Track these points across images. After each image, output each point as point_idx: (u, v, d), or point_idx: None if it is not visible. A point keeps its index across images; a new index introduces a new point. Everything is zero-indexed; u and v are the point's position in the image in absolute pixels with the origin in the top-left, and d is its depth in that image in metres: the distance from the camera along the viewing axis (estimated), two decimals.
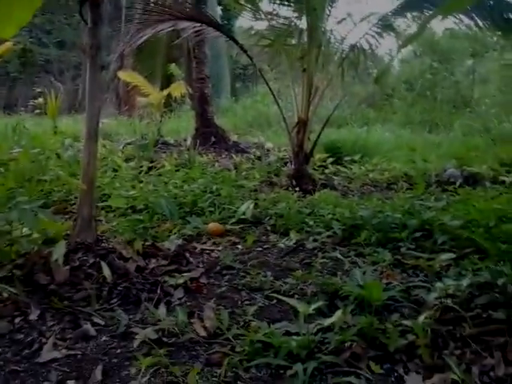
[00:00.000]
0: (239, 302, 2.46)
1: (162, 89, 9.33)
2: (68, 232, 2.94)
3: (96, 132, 2.70)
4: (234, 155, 7.27)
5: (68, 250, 2.59)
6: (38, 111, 10.39)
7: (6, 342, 2.00)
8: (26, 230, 2.59)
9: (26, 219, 2.30)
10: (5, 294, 2.25)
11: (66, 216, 3.78)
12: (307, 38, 5.23)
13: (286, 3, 5.44)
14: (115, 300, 2.36)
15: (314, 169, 6.36)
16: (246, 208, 4.04)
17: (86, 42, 2.64)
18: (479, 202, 3.99)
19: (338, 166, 6.68)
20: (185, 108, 11.56)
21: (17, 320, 2.13)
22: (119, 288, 2.42)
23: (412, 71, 12.69)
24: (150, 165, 5.78)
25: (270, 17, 5.47)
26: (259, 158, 6.96)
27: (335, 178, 6.16)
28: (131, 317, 2.24)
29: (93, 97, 2.67)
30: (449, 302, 2.40)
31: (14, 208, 2.39)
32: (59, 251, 2.43)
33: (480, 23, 4.89)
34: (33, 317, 2.17)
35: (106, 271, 2.43)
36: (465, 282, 2.48)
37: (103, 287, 2.41)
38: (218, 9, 16.23)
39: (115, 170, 5.37)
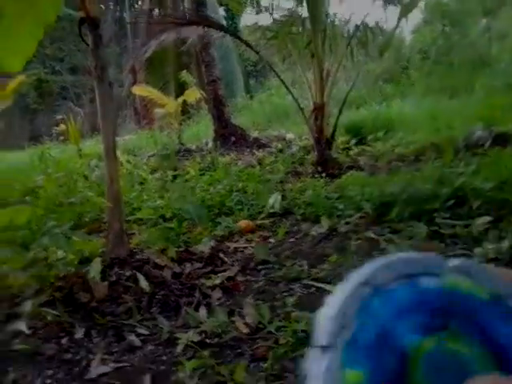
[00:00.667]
0: (278, 295, 2.45)
1: (177, 97, 9.42)
2: (103, 249, 2.99)
3: (114, 149, 2.73)
4: (255, 151, 7.26)
5: (104, 266, 2.63)
6: (61, 138, 10.64)
7: (56, 362, 2.04)
8: (60, 253, 2.64)
9: (58, 243, 2.35)
10: (49, 318, 2.30)
11: (101, 234, 3.84)
12: (310, 24, 5.17)
13: None
14: (155, 308, 2.39)
15: (338, 152, 6.29)
16: (274, 201, 4.03)
17: (91, 63, 2.67)
18: (510, 160, 3.87)
19: (362, 146, 6.59)
20: (202, 113, 11.61)
21: (63, 340, 2.18)
22: (158, 296, 2.45)
23: (424, 40, 12.39)
24: (175, 173, 5.83)
25: (270, 10, 5.43)
26: (281, 151, 6.93)
27: (360, 158, 6.07)
28: (173, 323, 2.27)
29: (105, 115, 2.70)
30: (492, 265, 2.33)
31: (45, 234, 2.44)
32: (95, 268, 2.48)
33: None
34: (78, 335, 2.21)
35: (143, 282, 2.46)
36: (505, 244, 2.41)
37: (142, 298, 2.44)
38: (221, 10, 16.25)
39: (142, 183, 5.44)
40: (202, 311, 2.31)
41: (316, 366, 0.24)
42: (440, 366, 0.23)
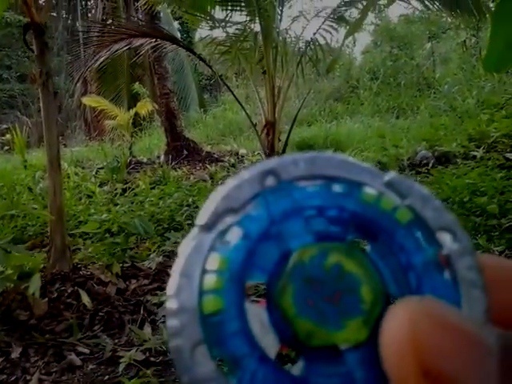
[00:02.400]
0: None
1: (129, 109, 9.29)
2: (45, 264, 2.88)
3: (58, 160, 2.66)
4: (208, 166, 7.24)
5: (45, 282, 2.54)
6: (6, 148, 10.24)
7: None
8: None
9: None
10: None
11: (44, 249, 3.71)
12: (263, 40, 5.25)
13: (238, 8, 5.46)
14: (98, 326, 2.32)
15: None
16: None
17: (35, 70, 2.60)
18: (452, 179, 4.04)
19: None
20: (155, 125, 11.49)
21: None
22: (101, 313, 2.38)
23: (374, 60, 12.82)
24: (124, 186, 5.72)
25: (223, 24, 5.48)
26: (234, 166, 6.96)
27: None
28: (116, 341, 2.21)
29: (49, 125, 2.63)
30: None
31: None
32: (35, 284, 2.38)
33: (430, 5, 4.96)
34: (15, 355, 2.12)
35: (86, 298, 2.39)
36: None
37: (84, 315, 2.37)
38: (175, 23, 16.23)
39: (90, 197, 5.31)
40: (147, 329, 2.27)
41: (188, 244, 0.21)
42: (313, 281, 0.21)
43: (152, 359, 2.01)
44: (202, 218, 0.22)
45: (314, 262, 0.21)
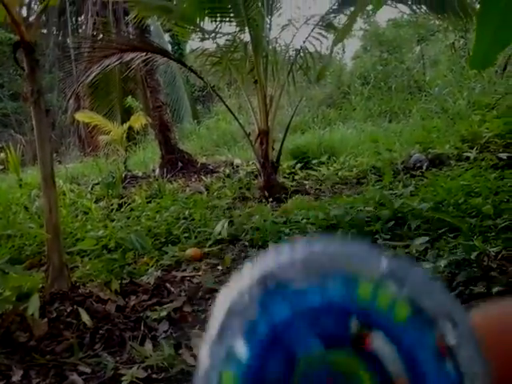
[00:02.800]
0: None
1: (122, 123, 9.30)
2: (43, 284, 2.87)
3: (52, 177, 2.66)
4: (203, 177, 7.25)
5: (44, 301, 2.52)
6: (1, 167, 10.21)
7: None
8: None
9: None
10: None
11: (42, 268, 3.70)
12: (253, 50, 5.28)
13: (227, 19, 5.49)
14: (99, 345, 2.31)
15: (285, 177, 6.39)
16: (221, 227, 4.03)
17: (27, 88, 2.60)
18: (446, 181, 4.06)
19: (307, 170, 6.72)
20: (149, 138, 11.51)
21: None
22: (101, 331, 2.37)
23: (364, 66, 12.91)
24: (120, 201, 5.71)
25: (213, 35, 5.51)
26: (229, 176, 6.96)
27: (306, 182, 6.19)
28: (118, 359, 2.20)
29: (42, 142, 2.63)
30: None
31: None
32: (34, 305, 2.37)
33: (417, 9, 5.01)
34: (16, 378, 2.10)
35: (85, 317, 2.38)
36: (442, 263, 2.50)
37: (85, 334, 2.36)
38: (166, 35, 16.29)
39: (86, 213, 5.29)
40: (148, 345, 2.26)
41: (204, 355, 0.23)
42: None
43: (154, 376, 2.00)
44: (211, 328, 0.23)
45: (322, 369, 0.22)
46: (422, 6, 4.98)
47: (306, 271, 0.23)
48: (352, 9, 5.42)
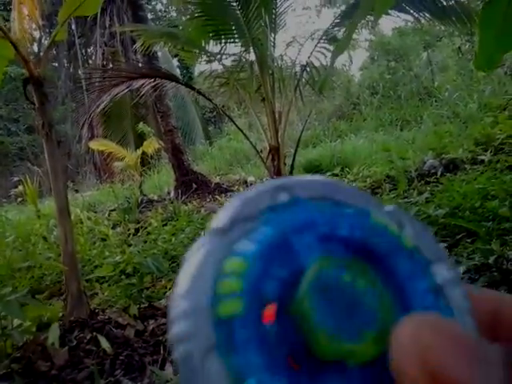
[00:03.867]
0: None
1: (136, 149, 9.43)
2: (63, 313, 2.90)
3: (67, 208, 2.70)
4: (218, 197, 7.28)
5: (63, 330, 2.54)
6: (20, 199, 10.39)
7: None
8: (17, 321, 2.54)
9: (11, 310, 2.26)
10: None
11: (62, 297, 3.73)
12: (259, 69, 5.33)
13: (232, 40, 5.57)
14: (119, 371, 2.31)
15: None
16: None
17: (38, 121, 2.66)
18: (461, 186, 4.01)
19: None
20: (163, 162, 11.63)
21: None
22: (121, 357, 2.37)
23: (372, 76, 12.93)
24: (137, 226, 5.76)
25: (219, 56, 5.59)
26: None
27: None
28: None
29: (55, 173, 2.68)
30: None
31: None
32: (54, 334, 2.39)
33: (419, 17, 5.02)
34: None
35: (105, 343, 2.39)
36: (461, 269, 2.46)
37: (105, 360, 2.36)
38: (174, 60, 16.55)
39: (103, 240, 5.34)
40: (168, 368, 2.26)
41: (199, 247, 0.21)
42: (331, 293, 0.21)
43: None
44: (217, 222, 0.22)
45: (333, 275, 0.21)
46: (425, 14, 4.99)
47: (323, 192, 0.23)
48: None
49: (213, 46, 5.83)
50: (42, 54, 4.23)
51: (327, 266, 0.21)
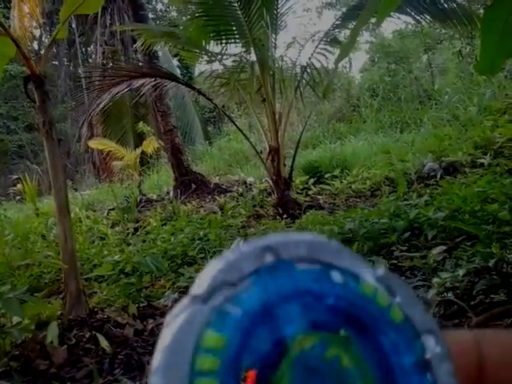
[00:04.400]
0: None
1: (135, 148, 9.42)
2: (62, 311, 2.89)
3: (67, 206, 2.69)
4: (217, 197, 7.27)
5: (62, 328, 2.54)
6: (19, 197, 10.38)
7: None
8: (16, 319, 2.54)
9: (11, 308, 2.26)
10: None
11: (60, 295, 3.72)
12: (259, 69, 5.34)
13: (232, 40, 5.57)
14: (118, 370, 2.30)
15: (298, 192, 6.38)
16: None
17: (38, 120, 2.66)
18: (461, 189, 4.02)
19: (321, 185, 6.71)
20: (162, 161, 11.62)
21: None
22: (120, 356, 2.37)
23: (372, 78, 12.94)
24: (136, 225, 5.76)
25: (219, 57, 5.59)
26: (242, 195, 6.97)
27: (319, 197, 6.18)
28: (137, 383, 2.19)
29: (56, 171, 2.67)
30: (450, 295, 2.38)
31: None
32: (52, 333, 2.39)
33: (420, 19, 5.03)
34: None
35: (104, 342, 2.38)
36: (461, 272, 2.47)
37: (104, 359, 2.36)
38: (174, 60, 16.54)
39: (102, 239, 5.34)
40: None
41: (178, 315, 0.20)
42: (313, 371, 0.20)
43: None
44: (197, 288, 0.21)
45: (315, 352, 0.21)
46: (426, 16, 5.00)
47: (310, 253, 0.22)
48: (355, 23, 5.47)
49: (213, 46, 5.84)
50: (42, 51, 4.23)
51: (310, 342, 0.21)
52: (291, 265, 0.21)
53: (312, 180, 6.81)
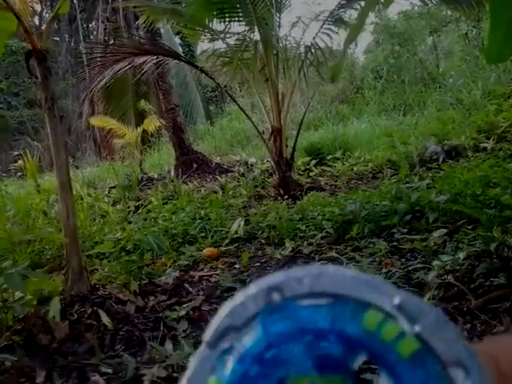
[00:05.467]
0: None
1: (137, 126, 9.38)
2: (64, 287, 2.91)
3: (69, 182, 2.69)
4: (218, 177, 7.27)
5: (64, 304, 2.56)
6: (20, 174, 10.37)
7: None
8: (18, 294, 2.56)
9: (13, 283, 2.28)
10: (7, 363, 2.21)
11: (62, 271, 3.75)
12: (263, 49, 5.28)
13: (236, 19, 5.50)
14: (119, 345, 2.33)
15: (299, 174, 6.37)
16: (238, 226, 4.03)
17: (40, 96, 2.64)
18: (463, 173, 4.01)
19: (322, 167, 6.70)
20: (163, 140, 11.59)
21: None
22: (121, 332, 2.39)
23: (376, 59, 12.82)
24: (137, 203, 5.76)
25: (223, 35, 5.52)
26: (243, 175, 6.97)
27: (321, 178, 6.17)
28: (138, 359, 2.21)
29: (58, 148, 2.66)
30: (449, 277, 2.39)
31: (0, 274, 2.36)
32: (54, 308, 2.40)
33: (427, 0, 4.96)
34: (39, 379, 2.13)
35: (105, 318, 2.41)
36: (461, 255, 2.47)
37: (105, 335, 2.38)
38: (177, 38, 16.36)
39: (103, 216, 5.35)
40: (168, 345, 2.27)
41: (194, 361, 0.22)
42: None
43: (175, 375, 2.00)
44: (208, 334, 0.22)
45: None
46: None
47: (313, 288, 0.22)
48: (361, 3, 5.39)
49: (217, 25, 5.76)
50: (44, 26, 4.17)
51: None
52: (295, 303, 0.21)
53: (314, 161, 6.79)
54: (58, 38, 19.38)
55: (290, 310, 0.21)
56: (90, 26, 18.10)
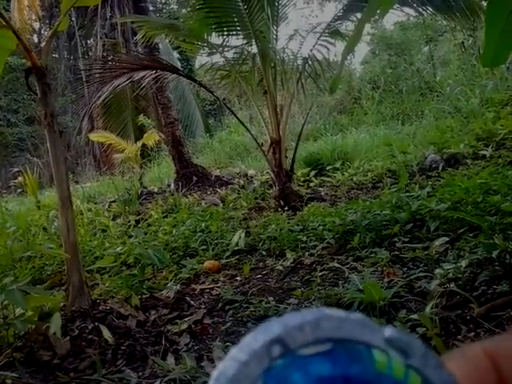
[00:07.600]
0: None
1: (136, 141, 9.41)
2: (64, 303, 2.90)
3: (69, 198, 2.69)
4: (218, 189, 7.27)
5: (65, 320, 2.54)
6: (20, 190, 10.38)
7: None
8: (19, 310, 2.54)
9: (14, 299, 2.26)
10: (8, 381, 2.19)
11: (63, 287, 3.73)
12: (261, 61, 5.31)
13: (234, 32, 5.54)
14: (121, 360, 2.31)
15: (299, 185, 6.37)
16: (238, 238, 4.02)
17: (40, 112, 2.65)
18: (463, 180, 4.01)
19: (322, 177, 6.70)
20: (163, 154, 11.62)
21: None
22: (123, 347, 2.37)
23: (373, 70, 12.89)
24: (137, 217, 5.76)
25: (220, 49, 5.56)
26: (243, 187, 6.97)
27: (321, 189, 6.17)
28: (140, 374, 2.20)
29: (57, 164, 2.67)
30: (452, 286, 2.38)
31: (1, 291, 2.35)
32: (56, 324, 2.39)
33: (422, 11, 5.00)
34: None
35: (107, 333, 2.39)
36: (463, 263, 2.47)
37: (107, 350, 2.36)
38: (175, 52, 16.48)
39: (104, 231, 5.34)
40: (170, 359, 2.26)
41: None
42: None
43: None
44: None
45: None
46: (428, 8, 4.97)
47: (314, 335, 0.21)
48: (357, 15, 5.44)
49: (215, 38, 5.80)
50: (43, 44, 4.21)
51: None
52: (298, 354, 0.20)
53: (313, 172, 6.80)
54: (56, 55, 19.52)
55: (294, 362, 0.20)
56: (89, 42, 18.22)
